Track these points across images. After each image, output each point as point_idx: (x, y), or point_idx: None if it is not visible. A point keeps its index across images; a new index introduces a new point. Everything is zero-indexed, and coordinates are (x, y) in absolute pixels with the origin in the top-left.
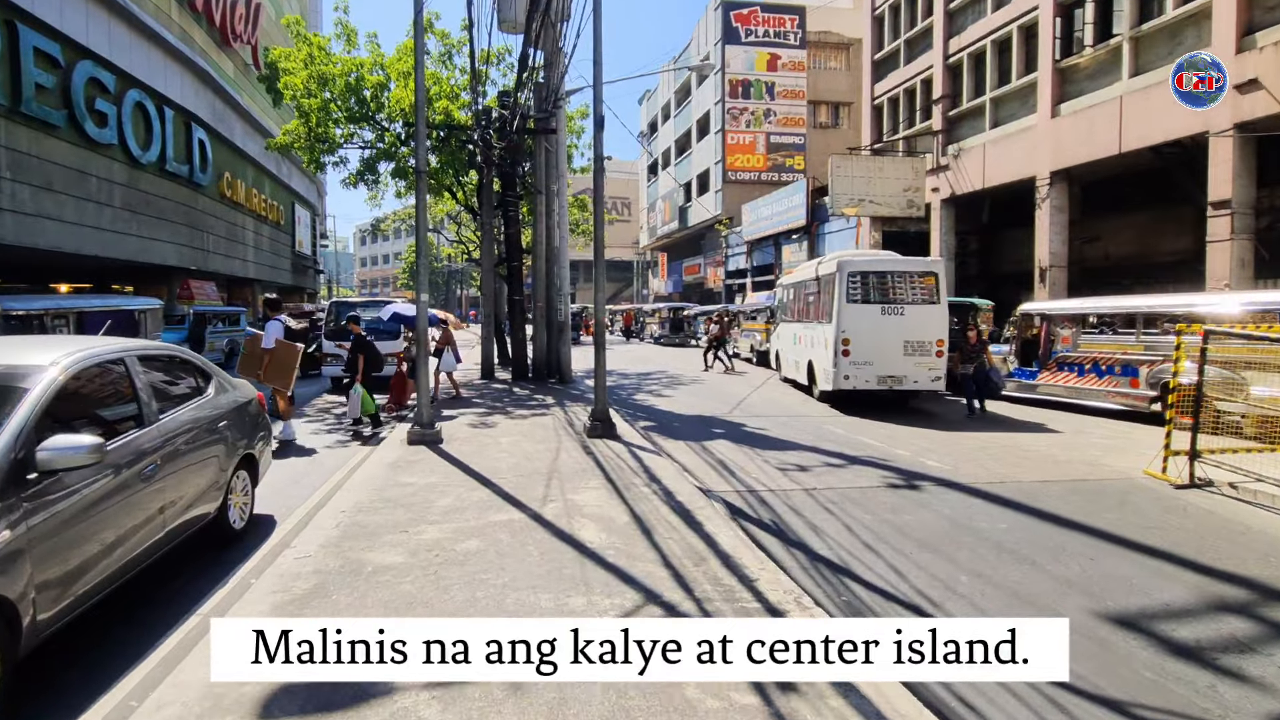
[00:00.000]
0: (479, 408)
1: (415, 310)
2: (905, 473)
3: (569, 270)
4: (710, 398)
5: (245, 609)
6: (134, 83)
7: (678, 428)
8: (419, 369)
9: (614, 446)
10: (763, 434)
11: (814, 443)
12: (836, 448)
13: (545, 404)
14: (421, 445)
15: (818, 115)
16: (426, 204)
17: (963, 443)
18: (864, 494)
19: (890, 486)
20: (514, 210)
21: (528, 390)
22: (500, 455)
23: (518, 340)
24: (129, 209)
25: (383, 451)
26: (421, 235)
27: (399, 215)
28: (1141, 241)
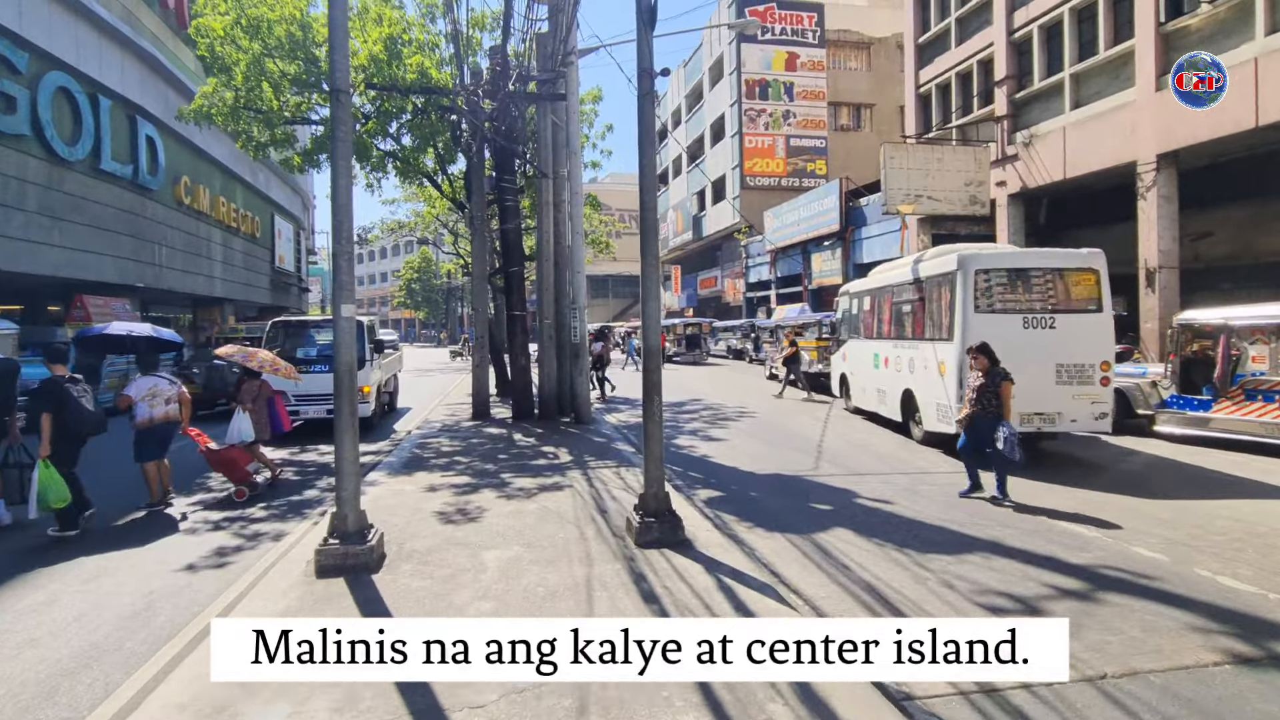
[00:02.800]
0: (460, 471)
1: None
2: (1223, 614)
3: (584, 276)
4: (777, 441)
5: None
6: (56, 64)
7: (758, 500)
8: (341, 418)
9: (688, 572)
10: (890, 511)
11: (986, 530)
12: (1033, 543)
13: (558, 463)
14: (339, 579)
15: (838, 117)
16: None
17: (1221, 523)
18: (1203, 685)
19: (1239, 661)
20: (512, 199)
21: (533, 439)
22: (486, 603)
23: (519, 368)
24: (49, 215)
25: (260, 599)
26: (342, 185)
27: (388, 226)
28: (1240, 239)
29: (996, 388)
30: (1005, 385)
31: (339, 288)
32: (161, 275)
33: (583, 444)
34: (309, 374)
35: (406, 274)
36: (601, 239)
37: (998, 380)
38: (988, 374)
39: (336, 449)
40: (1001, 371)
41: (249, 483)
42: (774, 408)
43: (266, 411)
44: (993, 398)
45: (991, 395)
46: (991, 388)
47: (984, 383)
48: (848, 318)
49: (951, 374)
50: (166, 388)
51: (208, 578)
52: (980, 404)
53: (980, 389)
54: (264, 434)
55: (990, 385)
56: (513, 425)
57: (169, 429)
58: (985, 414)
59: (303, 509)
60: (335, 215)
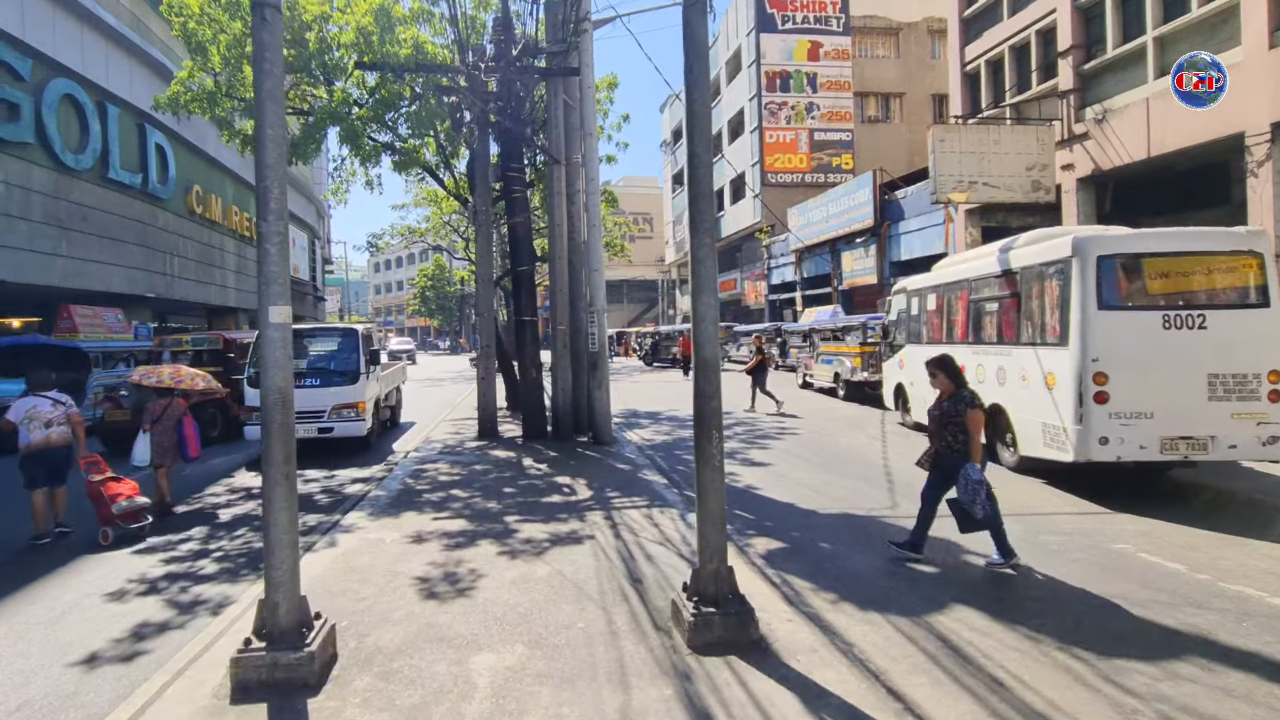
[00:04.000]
0: (456, 512)
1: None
2: None
3: (604, 275)
4: (832, 465)
5: None
6: (61, 70)
7: (835, 555)
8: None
9: (777, 708)
10: (1020, 574)
11: (1177, 615)
12: (1264, 640)
13: (575, 500)
14: (261, 704)
15: (865, 109)
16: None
17: None
18: None
19: None
20: (519, 190)
21: (546, 464)
22: None
23: (530, 381)
24: (55, 224)
25: None
26: (270, 136)
27: (399, 231)
28: None
29: (961, 417)
30: (973, 415)
31: (266, 282)
32: (173, 285)
33: (604, 472)
34: (300, 388)
35: (420, 282)
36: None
37: (962, 407)
38: (950, 398)
39: (265, 509)
40: (968, 396)
41: (112, 524)
42: (816, 422)
43: (175, 434)
44: (958, 431)
45: (957, 428)
46: (954, 417)
47: (946, 409)
48: (905, 319)
49: (1067, 387)
50: (47, 410)
51: (105, 680)
52: (943, 438)
53: (941, 418)
54: (168, 459)
55: (953, 414)
56: (523, 446)
57: (58, 454)
58: (952, 452)
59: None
60: (261, 179)
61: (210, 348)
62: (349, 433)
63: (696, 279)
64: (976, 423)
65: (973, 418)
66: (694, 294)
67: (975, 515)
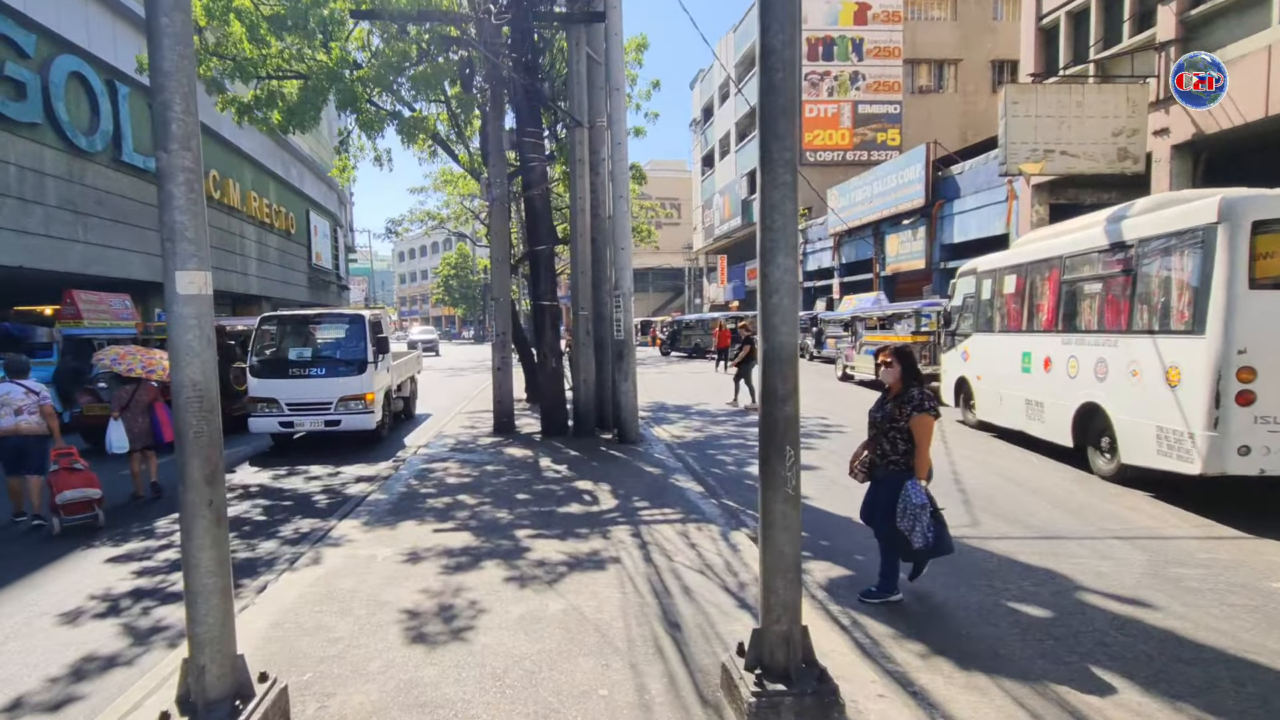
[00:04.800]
0: (461, 523)
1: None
2: None
3: (631, 254)
4: None
5: None
6: (67, 46)
7: (915, 590)
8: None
9: None
10: (1163, 627)
11: None
12: None
13: (598, 511)
14: None
15: (916, 78)
16: None
17: None
18: None
19: None
20: (536, 158)
21: (565, 465)
22: None
23: (550, 372)
24: (70, 209)
25: None
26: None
27: (418, 216)
28: None
29: (904, 420)
30: (920, 420)
31: (172, 236)
32: None
33: (630, 476)
34: (305, 379)
35: (444, 270)
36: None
37: (908, 409)
38: (896, 397)
39: (184, 545)
40: (918, 397)
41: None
42: (862, 420)
43: (147, 418)
44: (899, 437)
45: (898, 435)
46: (896, 420)
47: (889, 410)
48: (973, 305)
49: (1198, 384)
50: (19, 397)
51: None
52: (880, 446)
53: (884, 421)
54: (142, 443)
55: (895, 416)
56: (541, 444)
57: (26, 442)
58: (888, 463)
59: (249, 571)
60: (158, 92)
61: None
62: (357, 426)
63: (768, 234)
64: (925, 430)
65: (920, 423)
66: (764, 255)
67: (913, 544)
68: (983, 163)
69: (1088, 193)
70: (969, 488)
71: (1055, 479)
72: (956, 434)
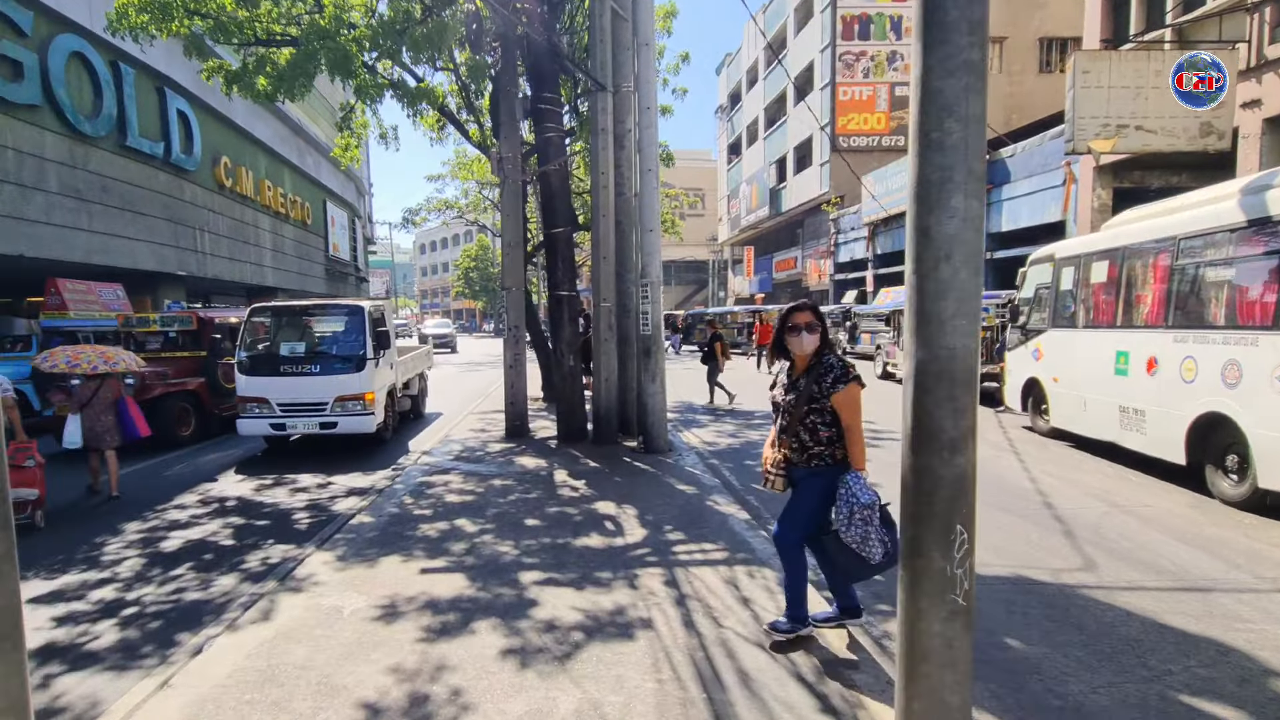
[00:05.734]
0: (455, 560)
1: None
2: None
3: (660, 236)
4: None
5: None
6: (66, 25)
7: (1030, 661)
8: None
9: None
10: None
11: None
12: None
13: (622, 546)
14: None
15: None
16: None
17: None
18: None
19: None
20: (554, 128)
21: (584, 481)
22: None
23: (566, 370)
24: (74, 196)
25: None
26: None
27: (436, 205)
28: None
29: (825, 398)
30: (848, 394)
31: None
32: (205, 263)
33: (660, 495)
34: (298, 376)
35: (464, 263)
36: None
37: (828, 382)
38: (809, 370)
39: None
40: (837, 366)
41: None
42: None
43: (112, 415)
44: (820, 421)
45: (820, 418)
46: (816, 398)
47: (805, 387)
48: (1049, 297)
49: None
50: None
51: None
52: (797, 437)
53: (798, 404)
54: (107, 441)
55: (814, 394)
56: (556, 452)
57: None
58: (809, 458)
59: (191, 620)
60: None
61: (184, 328)
62: (355, 429)
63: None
64: (854, 405)
65: (847, 398)
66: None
67: (872, 557)
68: (1037, 144)
69: (1155, 175)
70: (1066, 514)
71: (1168, 504)
72: (1029, 444)
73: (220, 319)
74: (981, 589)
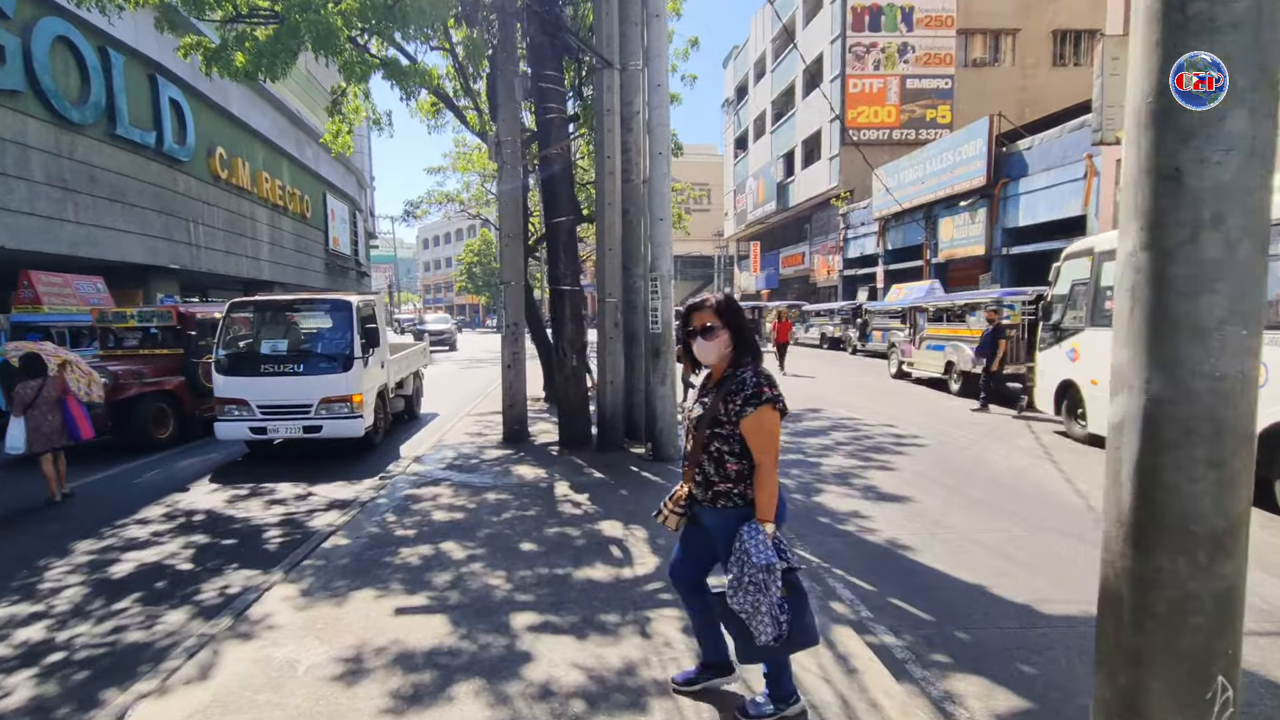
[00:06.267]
0: (437, 596)
1: None
2: None
3: (670, 226)
4: (1008, 508)
5: None
6: (51, 8)
7: None
8: None
9: None
10: None
11: None
12: None
13: (631, 582)
14: None
15: (970, 50)
16: None
17: None
18: None
19: None
20: (556, 108)
21: (587, 495)
22: None
23: (569, 371)
24: (60, 186)
25: None
26: None
27: (438, 197)
28: None
29: (732, 422)
30: (760, 419)
31: None
32: (199, 256)
33: None
34: (280, 376)
35: (467, 258)
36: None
37: (738, 404)
38: (721, 384)
39: None
40: (756, 380)
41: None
42: (937, 428)
43: (57, 415)
44: (729, 453)
45: (727, 446)
46: (724, 422)
47: (711, 404)
48: (1087, 293)
49: None
50: None
51: None
52: (700, 467)
53: (701, 425)
54: (54, 443)
55: (723, 415)
56: (558, 460)
57: None
58: (713, 495)
59: (121, 673)
60: None
61: (163, 324)
62: (341, 433)
63: (1166, 61)
64: (768, 435)
65: (759, 424)
66: (1157, 122)
67: (761, 634)
68: (1057, 135)
69: None
70: None
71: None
72: (1065, 450)
73: (203, 314)
74: (1045, 628)
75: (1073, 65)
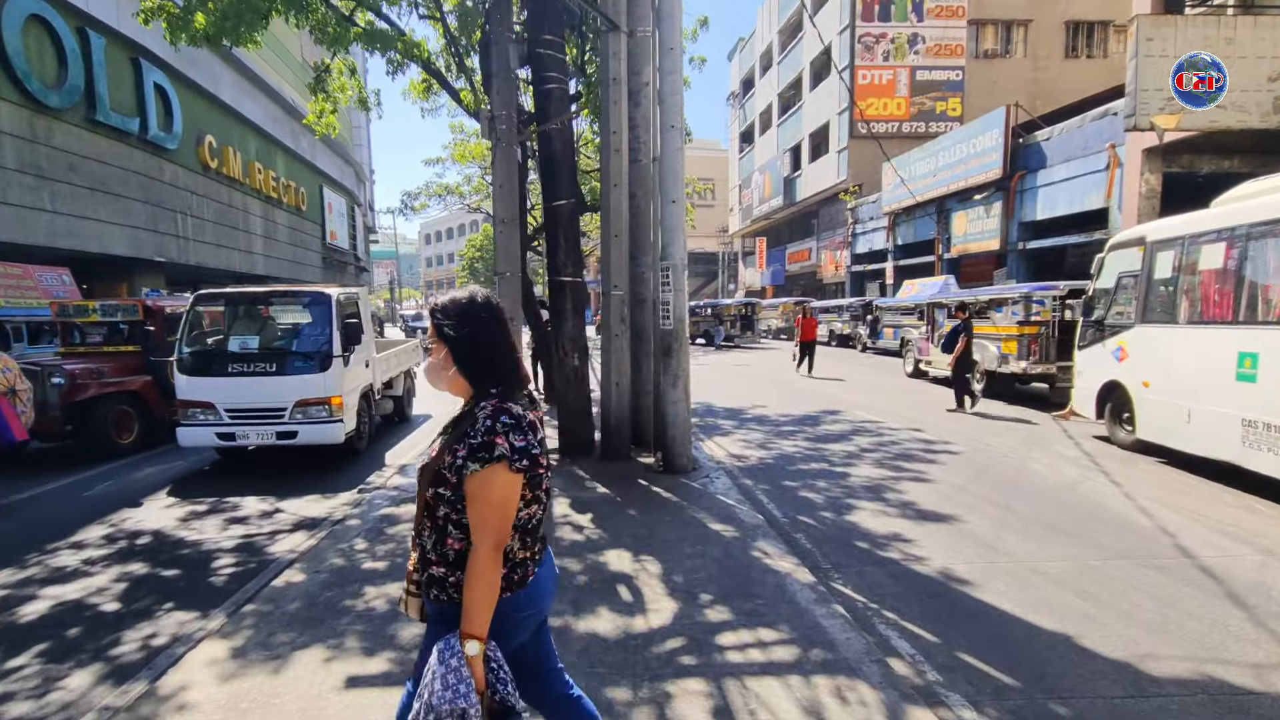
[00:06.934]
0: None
1: None
2: None
3: (684, 209)
4: (1065, 528)
5: None
6: None
7: None
8: None
9: None
10: None
11: None
12: None
13: (642, 634)
14: None
15: (981, 41)
16: None
17: None
18: None
19: None
20: (556, 79)
21: (588, 514)
22: None
23: (569, 372)
24: (34, 173)
25: None
26: None
27: (437, 190)
28: None
29: (457, 478)
30: (480, 479)
31: None
32: (187, 249)
33: (688, 538)
34: (250, 376)
35: (469, 252)
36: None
37: (463, 454)
38: (459, 419)
39: None
40: (491, 425)
41: None
42: (967, 433)
43: None
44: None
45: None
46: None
47: (439, 454)
48: (1136, 287)
49: None
50: None
51: None
52: (419, 532)
53: (421, 477)
54: None
55: (445, 469)
56: (558, 472)
57: None
58: (427, 578)
59: None
60: None
61: (129, 318)
62: (318, 439)
63: None
64: (488, 502)
65: (480, 486)
66: None
67: None
68: (1077, 125)
69: (1205, 159)
70: (1213, 565)
71: None
72: (1112, 459)
73: (171, 308)
74: (1160, 698)
75: (1086, 57)
